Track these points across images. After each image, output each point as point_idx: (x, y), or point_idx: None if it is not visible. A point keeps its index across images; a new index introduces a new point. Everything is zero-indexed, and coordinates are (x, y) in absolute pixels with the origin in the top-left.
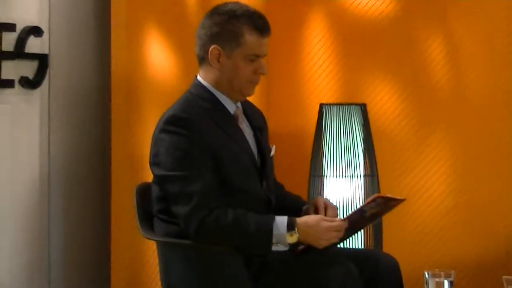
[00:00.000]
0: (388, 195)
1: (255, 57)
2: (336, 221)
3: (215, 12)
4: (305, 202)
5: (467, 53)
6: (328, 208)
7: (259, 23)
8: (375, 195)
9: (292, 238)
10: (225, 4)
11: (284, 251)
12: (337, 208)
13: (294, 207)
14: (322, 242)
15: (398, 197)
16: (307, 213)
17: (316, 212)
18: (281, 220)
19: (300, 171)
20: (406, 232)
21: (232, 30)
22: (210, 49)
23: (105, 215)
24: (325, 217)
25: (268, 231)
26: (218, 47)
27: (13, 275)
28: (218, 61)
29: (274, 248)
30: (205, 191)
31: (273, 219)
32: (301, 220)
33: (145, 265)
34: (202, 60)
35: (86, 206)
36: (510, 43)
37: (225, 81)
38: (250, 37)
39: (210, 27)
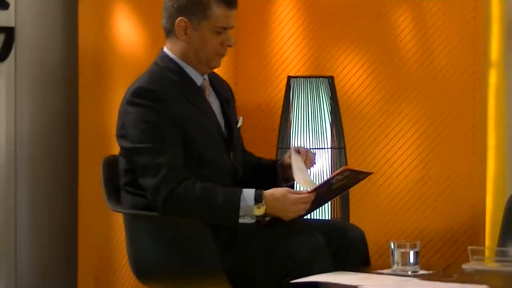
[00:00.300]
0: (356, 168)
1: (222, 30)
2: (303, 193)
3: None
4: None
5: (436, 25)
6: (308, 152)
7: None
8: (343, 167)
9: (260, 211)
10: None
11: (251, 223)
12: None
13: (271, 165)
14: (289, 215)
15: (366, 171)
16: (284, 165)
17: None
18: (248, 193)
19: (267, 144)
20: (373, 204)
21: (199, 2)
22: (177, 21)
23: (73, 189)
24: (292, 190)
25: (235, 203)
26: (185, 19)
27: None
28: (185, 33)
29: (241, 220)
30: (173, 163)
31: (241, 191)
32: (268, 192)
33: (113, 238)
34: (169, 32)
35: (53, 180)
36: (476, 16)
37: (192, 53)
38: (217, 9)
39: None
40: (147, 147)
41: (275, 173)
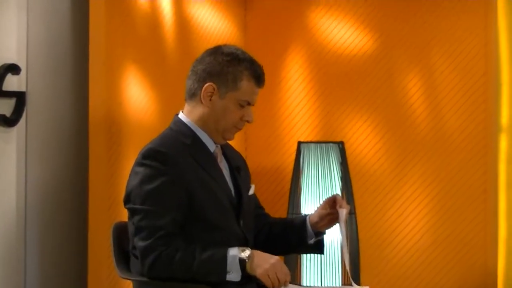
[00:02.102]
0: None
1: (246, 104)
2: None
3: (218, 51)
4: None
5: (445, 91)
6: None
7: (258, 72)
8: None
9: (244, 253)
10: (228, 45)
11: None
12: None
13: (300, 220)
14: (266, 267)
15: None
16: (315, 216)
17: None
18: (234, 248)
19: (278, 209)
20: (384, 269)
21: (232, 72)
22: (206, 85)
23: (83, 255)
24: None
25: (221, 256)
26: (214, 85)
27: None
28: (210, 99)
29: (228, 277)
30: (168, 228)
31: (227, 248)
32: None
33: None
34: (193, 95)
35: (63, 245)
36: (486, 81)
37: (211, 120)
38: (247, 83)
39: (210, 64)
40: (146, 209)
41: (305, 227)
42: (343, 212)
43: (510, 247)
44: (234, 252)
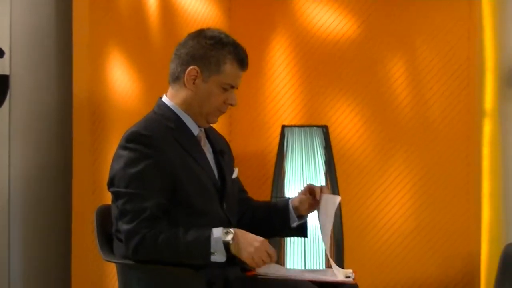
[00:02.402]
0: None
1: (229, 87)
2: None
3: (201, 34)
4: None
5: (428, 76)
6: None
7: (242, 55)
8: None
9: (227, 236)
10: (211, 29)
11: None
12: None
13: (283, 204)
14: (250, 250)
15: (346, 281)
16: (296, 201)
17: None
18: (217, 229)
19: (262, 193)
20: (367, 253)
21: (215, 55)
22: (189, 69)
23: (67, 238)
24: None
25: (205, 238)
26: (197, 69)
27: None
28: (194, 83)
29: (213, 258)
30: (152, 210)
31: (210, 229)
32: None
33: (107, 287)
34: (176, 78)
35: (46, 229)
36: (469, 66)
37: (195, 103)
38: (230, 67)
39: (193, 48)
40: (130, 192)
41: (288, 211)
42: (323, 199)
43: (493, 232)
44: (218, 234)
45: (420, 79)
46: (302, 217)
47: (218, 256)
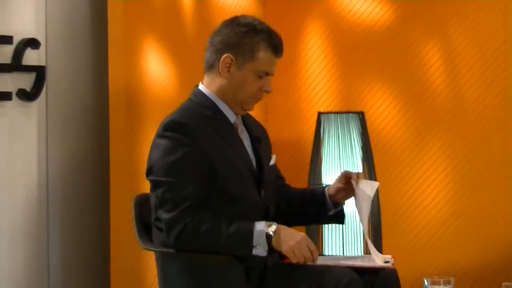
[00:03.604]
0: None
1: (264, 74)
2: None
3: (235, 22)
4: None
5: (464, 60)
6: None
7: (276, 42)
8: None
9: (271, 228)
10: (245, 16)
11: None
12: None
13: (320, 191)
14: (291, 243)
15: (385, 266)
16: (332, 189)
17: (344, 181)
18: (260, 222)
19: (299, 180)
20: (405, 239)
21: (249, 43)
22: (223, 57)
23: (105, 228)
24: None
25: (247, 231)
26: (232, 56)
27: None
28: (228, 71)
29: (255, 251)
30: (192, 198)
31: (253, 223)
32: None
33: (145, 276)
34: (211, 66)
35: (85, 219)
36: (506, 50)
37: (230, 91)
38: (265, 54)
39: (227, 35)
40: (169, 181)
41: (324, 198)
42: (360, 185)
43: None
44: (261, 227)
45: (456, 64)
46: (339, 204)
47: (260, 250)
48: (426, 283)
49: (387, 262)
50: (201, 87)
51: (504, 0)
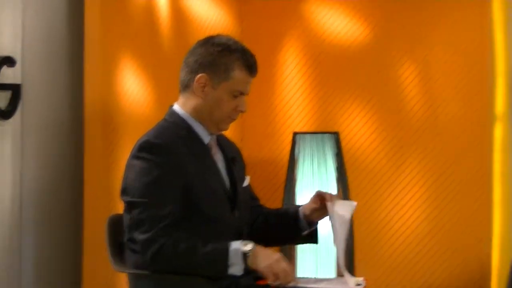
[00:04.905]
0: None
1: (239, 94)
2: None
3: (210, 41)
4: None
5: (441, 80)
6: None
7: (250, 61)
8: None
9: (247, 247)
10: (220, 36)
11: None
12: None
13: (293, 213)
14: (268, 261)
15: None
16: (306, 209)
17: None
18: (236, 242)
19: (274, 200)
20: (380, 260)
21: (224, 62)
22: (198, 76)
23: (78, 249)
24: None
25: (223, 249)
26: (206, 76)
27: None
28: (203, 90)
29: (230, 270)
30: (168, 219)
31: (229, 243)
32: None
33: None
34: (186, 87)
35: (58, 239)
36: (481, 70)
37: (205, 111)
38: (239, 73)
39: (201, 55)
40: (145, 202)
41: (298, 218)
42: (336, 207)
43: (504, 237)
44: (236, 246)
45: (432, 83)
46: (313, 224)
47: (236, 268)
48: None
49: (359, 285)
50: (176, 107)
51: (481, 21)
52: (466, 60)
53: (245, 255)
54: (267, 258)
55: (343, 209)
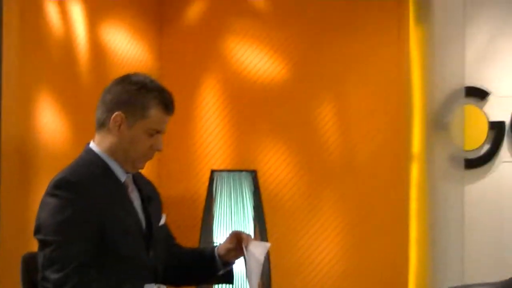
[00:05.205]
0: None
1: (155, 132)
2: None
3: (126, 80)
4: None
5: (358, 119)
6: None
7: (167, 100)
8: None
9: None
10: (137, 74)
11: None
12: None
13: (208, 253)
14: None
15: None
16: (222, 249)
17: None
18: (150, 285)
19: (191, 238)
20: None
21: (140, 100)
22: (114, 115)
23: None
24: None
25: None
26: (122, 114)
27: None
28: (119, 129)
29: None
30: (81, 258)
31: (143, 284)
32: None
33: None
34: (102, 124)
35: None
36: (399, 108)
37: (120, 149)
38: (156, 112)
39: (118, 93)
40: (58, 241)
41: (214, 258)
42: (251, 248)
43: (419, 278)
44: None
45: (349, 122)
46: (228, 264)
47: None
48: None
49: None
50: (92, 145)
51: (399, 60)
52: (383, 98)
53: None
54: None
55: (257, 250)
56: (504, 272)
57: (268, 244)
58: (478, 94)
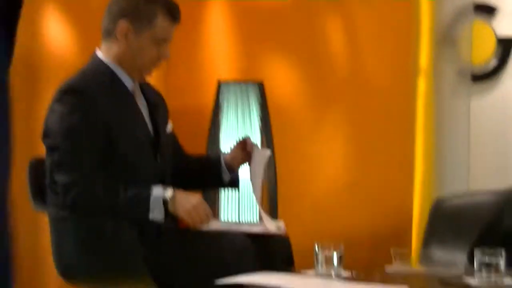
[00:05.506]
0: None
1: (162, 41)
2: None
3: None
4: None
5: (368, 33)
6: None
7: (173, 9)
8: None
9: (167, 193)
10: None
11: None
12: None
13: (215, 159)
14: (187, 207)
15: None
16: (229, 158)
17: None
18: (157, 187)
19: (197, 149)
20: (302, 207)
21: (146, 9)
22: (120, 24)
23: None
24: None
25: (145, 196)
26: (129, 23)
27: None
28: (126, 37)
29: (151, 215)
30: (88, 162)
31: (150, 186)
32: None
33: (40, 240)
34: (108, 34)
35: None
36: (411, 24)
37: (128, 58)
38: (162, 21)
39: (124, 2)
40: (66, 145)
41: (220, 165)
42: (254, 153)
43: (424, 189)
44: (157, 192)
45: (360, 35)
46: (234, 171)
47: (157, 215)
48: (316, 248)
49: (279, 228)
50: (99, 53)
51: None
52: (391, 13)
53: (165, 201)
54: (186, 202)
55: (259, 156)
56: (509, 181)
57: (268, 151)
58: (486, 10)
